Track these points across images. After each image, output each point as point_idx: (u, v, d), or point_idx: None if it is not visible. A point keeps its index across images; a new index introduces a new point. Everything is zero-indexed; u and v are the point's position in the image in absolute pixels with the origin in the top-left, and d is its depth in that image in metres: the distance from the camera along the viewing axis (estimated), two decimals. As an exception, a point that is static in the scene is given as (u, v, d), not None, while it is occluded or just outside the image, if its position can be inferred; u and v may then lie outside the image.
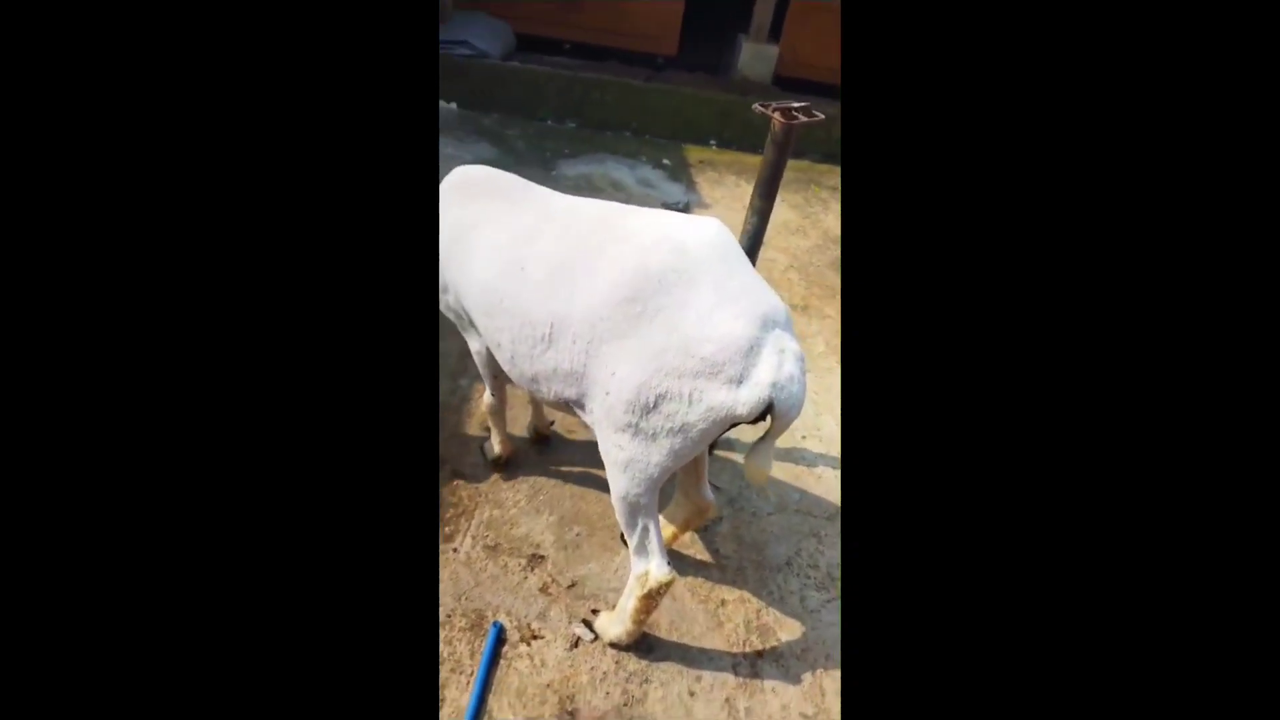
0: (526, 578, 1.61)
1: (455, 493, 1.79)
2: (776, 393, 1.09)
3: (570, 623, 1.52)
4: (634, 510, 1.27)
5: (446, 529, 1.70)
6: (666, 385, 1.12)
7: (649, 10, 4.54)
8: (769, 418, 1.12)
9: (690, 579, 1.65)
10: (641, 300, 1.14)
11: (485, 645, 1.46)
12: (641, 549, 1.32)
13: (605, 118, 4.25)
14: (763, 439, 1.16)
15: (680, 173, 3.84)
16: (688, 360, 1.10)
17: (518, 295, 1.27)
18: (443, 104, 4.06)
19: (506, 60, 4.33)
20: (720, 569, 1.68)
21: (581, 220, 1.29)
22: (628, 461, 1.21)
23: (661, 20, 4.59)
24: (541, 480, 1.86)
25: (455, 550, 1.65)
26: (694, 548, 1.73)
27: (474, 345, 1.55)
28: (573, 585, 1.60)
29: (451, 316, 1.54)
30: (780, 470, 2.01)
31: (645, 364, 1.13)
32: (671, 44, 4.69)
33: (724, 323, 1.09)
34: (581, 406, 1.28)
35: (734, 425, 1.14)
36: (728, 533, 1.78)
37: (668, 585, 1.31)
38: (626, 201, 3.46)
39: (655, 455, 1.19)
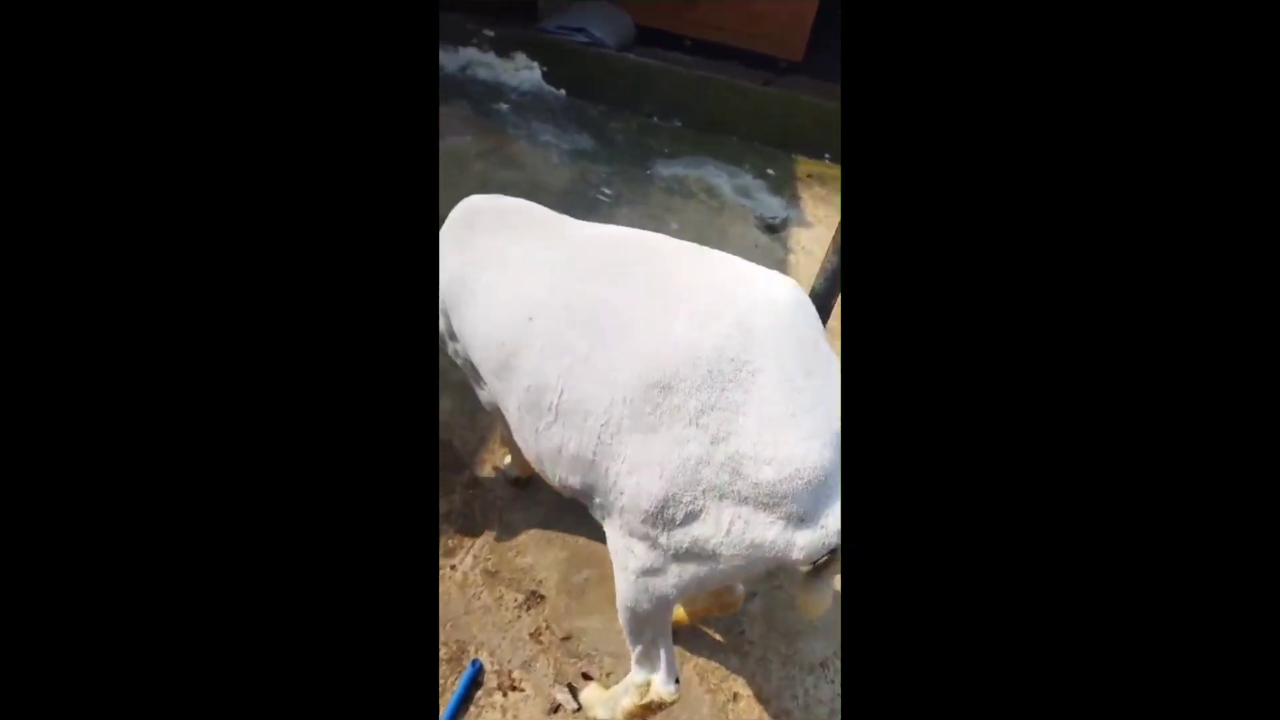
0: (520, 616, 1.44)
1: (469, 504, 1.66)
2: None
3: (555, 682, 1.34)
4: (640, 622, 1.04)
5: (449, 543, 1.56)
6: (701, 504, 0.86)
7: (777, 10, 4.25)
8: (828, 558, 0.86)
9: (702, 661, 1.42)
10: (682, 391, 0.86)
11: (459, 684, 1.31)
12: (646, 659, 1.10)
13: (714, 119, 4.03)
14: (820, 573, 0.89)
15: (784, 186, 3.55)
16: (736, 482, 0.84)
17: (524, 353, 1.02)
18: (550, 89, 4.01)
19: (622, 51, 4.20)
20: (740, 655, 1.44)
21: (613, 261, 1.02)
22: (638, 571, 0.97)
23: (790, 22, 4.28)
24: (561, 508, 1.68)
25: (453, 568, 1.51)
26: (714, 623, 1.49)
27: (483, 397, 1.32)
28: (568, 638, 1.41)
29: (461, 364, 1.32)
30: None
31: (674, 474, 0.87)
32: (798, 48, 4.37)
33: (792, 443, 0.82)
34: (589, 499, 1.03)
35: (780, 567, 0.89)
36: (758, 613, 1.53)
37: (671, 704, 1.09)
38: (719, 211, 3.23)
39: (672, 577, 0.94)
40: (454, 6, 4.17)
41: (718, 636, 1.47)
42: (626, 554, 0.98)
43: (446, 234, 1.25)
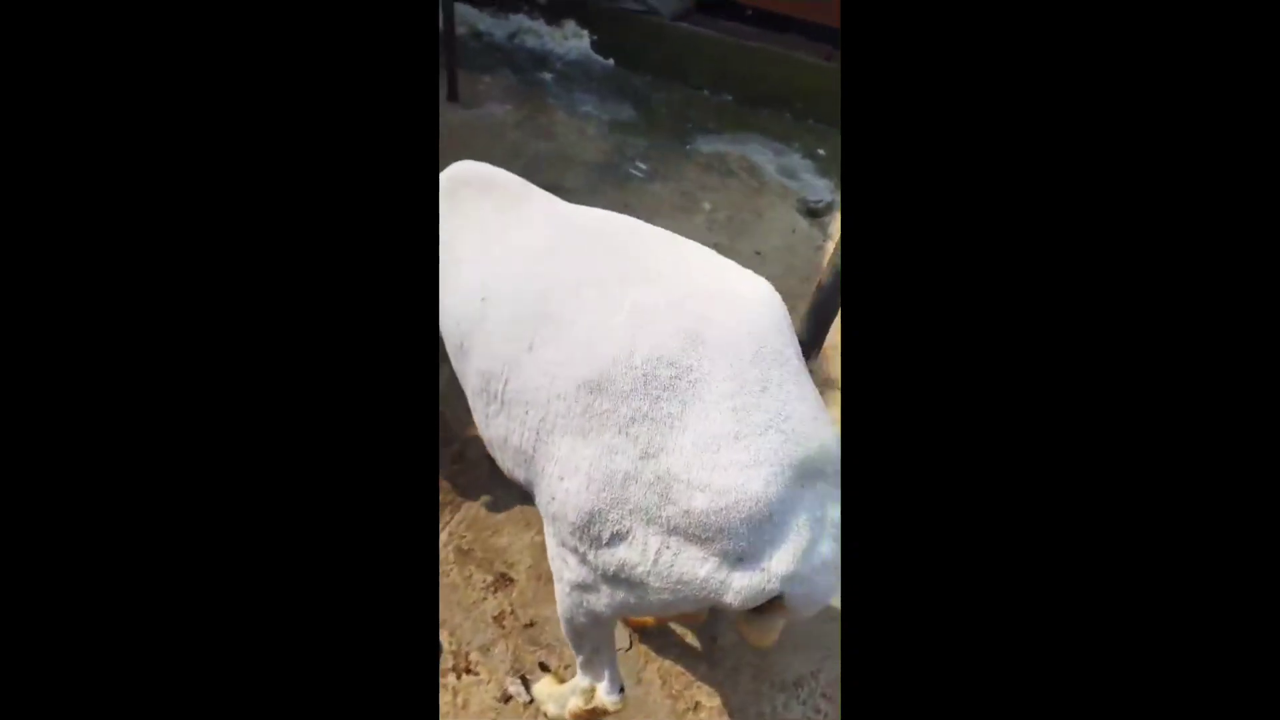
0: (486, 598, 1.41)
1: (453, 477, 1.64)
2: (791, 587, 0.73)
3: (512, 670, 1.30)
4: (578, 634, 0.98)
5: (428, 515, 1.55)
6: (627, 526, 0.78)
7: (847, -23, 3.96)
8: (775, 602, 0.77)
9: (667, 664, 1.34)
10: (612, 395, 0.78)
11: (417, 661, 1.30)
12: (590, 668, 1.04)
13: (766, 94, 3.82)
14: (765, 614, 0.80)
15: (834, 168, 3.33)
16: (665, 507, 0.75)
17: (475, 334, 0.97)
18: (598, 58, 3.90)
19: (677, 20, 4.03)
20: (708, 662, 1.35)
21: (577, 246, 0.95)
22: (571, 584, 0.90)
23: (860, -10, 3.98)
24: (545, 489, 1.64)
25: (428, 542, 1.50)
26: (687, 625, 1.41)
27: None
28: (531, 625, 1.37)
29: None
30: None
31: (601, 487, 0.79)
32: (866, 19, 4.07)
33: (732, 469, 0.72)
34: (534, 495, 0.97)
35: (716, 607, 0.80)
36: (734, 619, 1.44)
37: (615, 713, 1.04)
38: (758, 191, 3.06)
39: (604, 597, 0.86)
40: (507, -28, 4.10)
41: (689, 639, 1.39)
42: (561, 563, 0.91)
43: None
